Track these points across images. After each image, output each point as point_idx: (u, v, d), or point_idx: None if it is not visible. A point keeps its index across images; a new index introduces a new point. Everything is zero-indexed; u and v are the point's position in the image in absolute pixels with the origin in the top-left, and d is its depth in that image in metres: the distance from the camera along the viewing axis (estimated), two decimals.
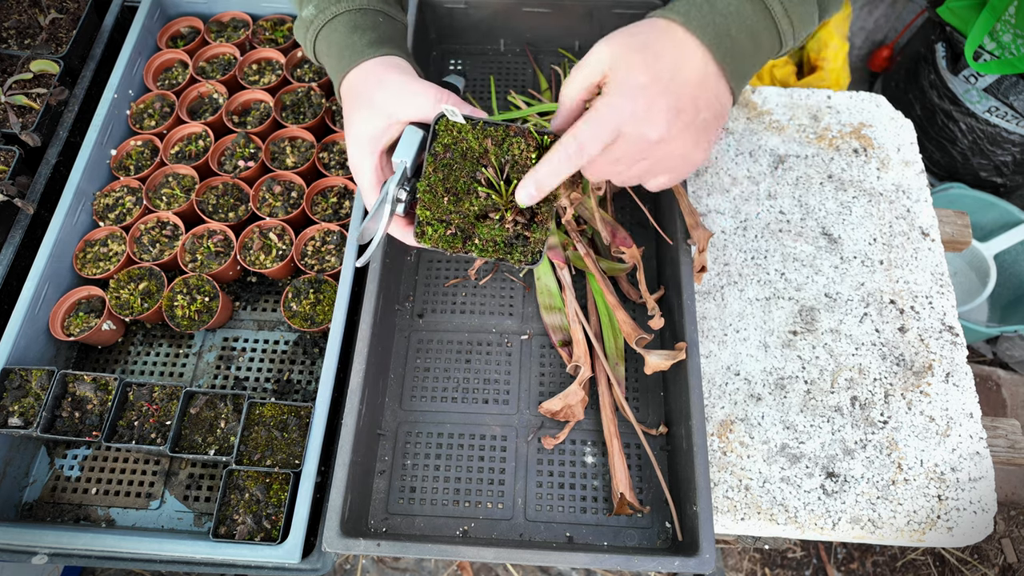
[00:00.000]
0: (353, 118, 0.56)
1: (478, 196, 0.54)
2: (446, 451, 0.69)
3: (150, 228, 0.78)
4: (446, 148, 0.54)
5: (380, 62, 0.56)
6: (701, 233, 0.70)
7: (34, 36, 0.89)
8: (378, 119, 0.54)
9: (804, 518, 0.68)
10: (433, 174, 0.54)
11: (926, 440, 0.71)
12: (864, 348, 0.76)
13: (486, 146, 0.54)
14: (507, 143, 0.53)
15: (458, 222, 0.54)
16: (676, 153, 0.50)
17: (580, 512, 0.66)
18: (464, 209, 0.54)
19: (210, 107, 0.87)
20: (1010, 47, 1.32)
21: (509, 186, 0.53)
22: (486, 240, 0.54)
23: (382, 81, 0.55)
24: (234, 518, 0.62)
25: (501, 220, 0.54)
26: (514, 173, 0.53)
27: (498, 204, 0.54)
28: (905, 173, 0.87)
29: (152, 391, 0.68)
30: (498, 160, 0.54)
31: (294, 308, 0.74)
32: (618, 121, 0.47)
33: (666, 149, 0.49)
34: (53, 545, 0.63)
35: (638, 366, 0.73)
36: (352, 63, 0.57)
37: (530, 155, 0.53)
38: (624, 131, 0.48)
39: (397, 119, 0.54)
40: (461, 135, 0.54)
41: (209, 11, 0.93)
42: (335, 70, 0.59)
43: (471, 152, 0.54)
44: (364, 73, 0.56)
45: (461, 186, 0.54)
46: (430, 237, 0.55)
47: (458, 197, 0.54)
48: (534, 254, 0.54)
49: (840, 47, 1.55)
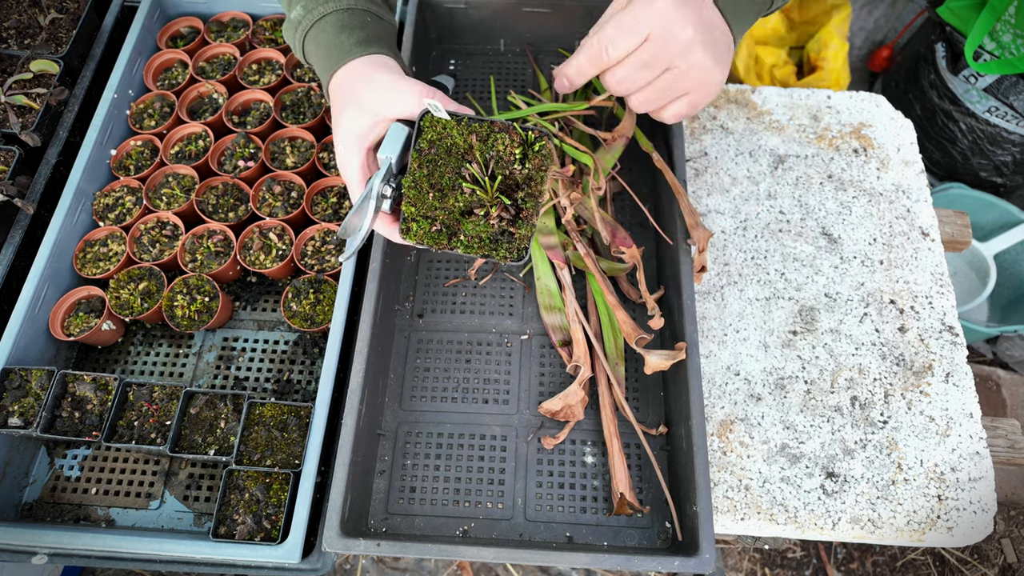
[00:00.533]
0: (341, 117, 0.56)
1: (463, 192, 0.54)
2: (446, 451, 0.69)
3: (150, 228, 0.78)
4: (431, 144, 0.54)
5: (367, 61, 0.57)
6: (701, 233, 0.70)
7: (34, 36, 0.89)
8: (365, 117, 0.55)
9: (804, 518, 0.68)
10: (418, 170, 0.54)
11: (926, 440, 0.71)
12: (864, 348, 0.76)
13: (471, 142, 0.54)
14: (491, 139, 0.53)
15: (443, 218, 0.54)
16: (702, 64, 0.51)
17: (580, 512, 0.66)
18: (449, 205, 0.54)
19: (210, 107, 0.87)
20: (1010, 47, 1.32)
21: (494, 182, 0.53)
22: (471, 236, 0.54)
23: (369, 80, 0.55)
24: (234, 518, 0.62)
25: (486, 216, 0.54)
26: (499, 169, 0.53)
27: (483, 200, 0.54)
28: (905, 173, 0.87)
29: (152, 391, 0.68)
30: (483, 156, 0.54)
31: (294, 308, 0.74)
32: (646, 22, 0.49)
33: (692, 58, 0.51)
34: (53, 545, 0.63)
35: (638, 366, 0.73)
36: (340, 62, 0.57)
37: (514, 151, 0.53)
38: (653, 32, 0.49)
39: (383, 116, 0.55)
40: (446, 131, 0.54)
41: (209, 11, 0.93)
42: (323, 70, 0.59)
43: (456, 148, 0.54)
44: (351, 72, 0.56)
45: (446, 182, 0.54)
46: (415, 233, 0.55)
47: (443, 193, 0.54)
48: (519, 251, 0.54)
49: (840, 47, 1.55)
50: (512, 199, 0.54)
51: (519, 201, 0.54)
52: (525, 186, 0.54)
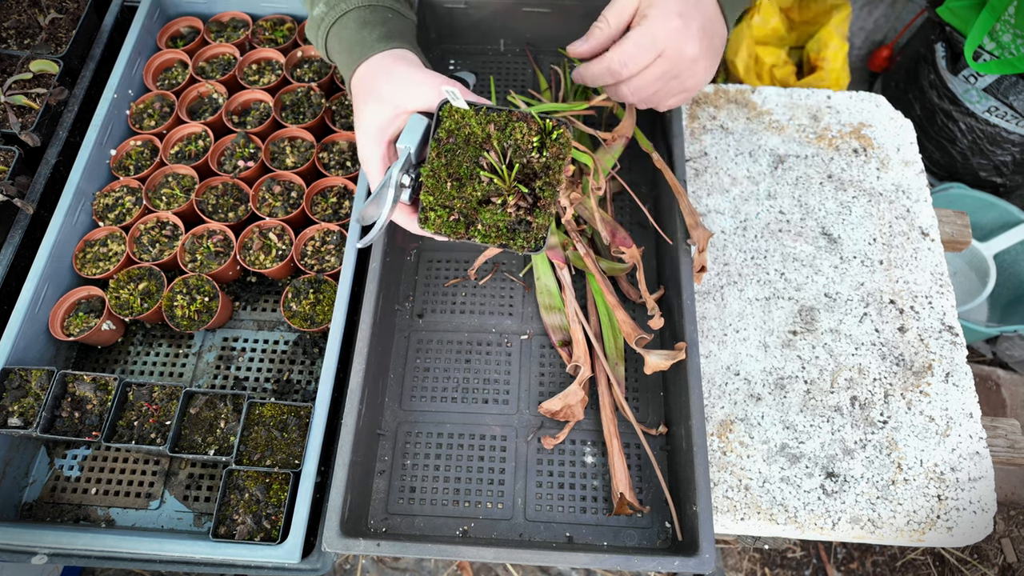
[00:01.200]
0: (362, 110, 0.57)
1: (481, 181, 0.54)
2: (446, 451, 0.69)
3: (150, 228, 0.78)
4: (449, 134, 0.54)
5: (388, 55, 0.58)
6: (701, 233, 0.70)
7: (34, 36, 0.89)
8: (385, 110, 0.56)
9: (804, 518, 0.68)
10: (436, 159, 0.54)
11: (926, 440, 0.71)
12: (864, 348, 0.76)
13: (488, 131, 0.54)
14: (510, 128, 0.53)
15: (460, 207, 0.54)
16: (703, 70, 0.59)
17: (580, 512, 0.66)
18: (467, 194, 0.54)
19: (210, 107, 0.87)
20: (1010, 47, 1.32)
21: (511, 171, 0.53)
22: (488, 225, 0.54)
23: (389, 73, 0.56)
24: (234, 518, 0.62)
25: (504, 205, 0.54)
26: (516, 158, 0.53)
27: (500, 189, 0.54)
28: (905, 173, 0.87)
29: (152, 391, 0.68)
30: (500, 145, 0.54)
31: (294, 308, 0.74)
32: (663, 41, 0.55)
33: (697, 68, 0.58)
34: (53, 545, 0.63)
35: (638, 366, 0.73)
36: (362, 57, 0.58)
37: (532, 139, 0.53)
38: (667, 50, 0.56)
39: (404, 109, 0.55)
40: (464, 121, 0.54)
41: (209, 11, 0.93)
42: (346, 66, 0.60)
43: (474, 137, 0.54)
44: (373, 66, 0.58)
45: (464, 171, 0.54)
46: (433, 223, 0.55)
47: (461, 182, 0.54)
48: (537, 240, 0.54)
49: (840, 47, 1.55)
50: (530, 188, 0.54)
51: (536, 190, 0.54)
52: (543, 175, 0.54)
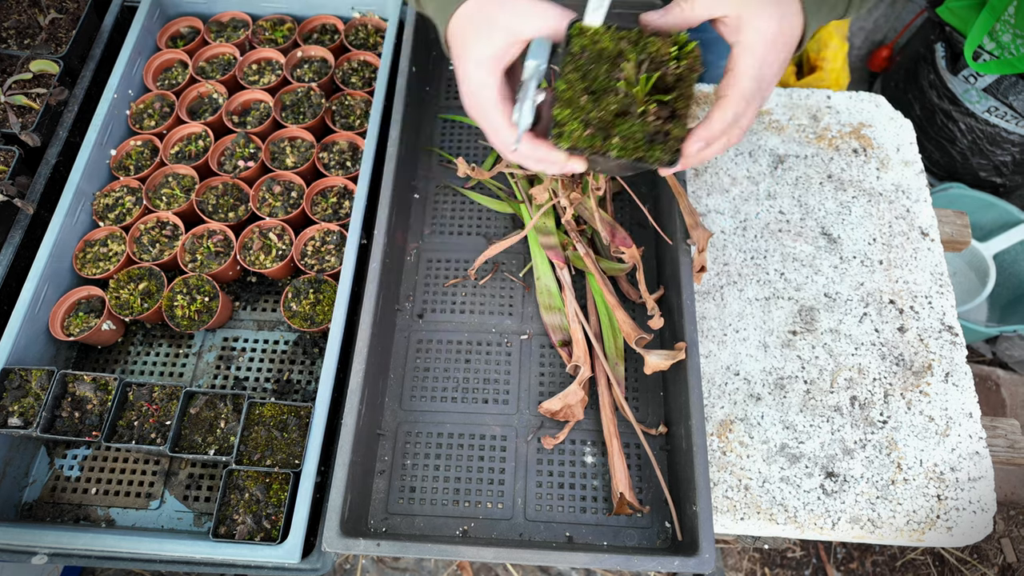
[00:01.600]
0: (471, 44, 0.55)
1: (617, 94, 0.53)
2: (446, 451, 0.69)
3: (150, 228, 0.78)
4: (583, 49, 0.53)
5: None
6: (701, 233, 0.70)
7: (34, 36, 0.89)
8: (499, 38, 0.53)
9: (804, 518, 0.68)
10: (572, 73, 0.53)
11: (925, 440, 0.71)
12: (863, 348, 0.76)
13: (621, 47, 0.53)
14: (643, 42, 0.53)
15: (597, 121, 0.53)
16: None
17: (580, 512, 0.66)
18: (603, 107, 0.53)
19: (210, 107, 0.87)
20: (1009, 47, 1.32)
21: (648, 82, 0.53)
22: (626, 137, 0.53)
23: (503, 2, 0.54)
24: (234, 518, 0.62)
25: (643, 115, 0.53)
26: (651, 68, 0.53)
27: (637, 100, 0.53)
28: (905, 173, 0.87)
29: (152, 391, 0.68)
30: (636, 57, 0.53)
31: (294, 308, 0.74)
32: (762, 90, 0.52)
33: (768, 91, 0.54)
34: (53, 545, 0.63)
35: (638, 366, 0.73)
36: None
37: (667, 50, 0.52)
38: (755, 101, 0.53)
39: (521, 36, 0.54)
40: (597, 36, 0.53)
41: (209, 11, 0.93)
42: (441, 9, 0.57)
43: (606, 52, 0.53)
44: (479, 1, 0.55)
45: (599, 84, 0.53)
46: (568, 137, 0.53)
47: (596, 96, 0.53)
48: (673, 153, 0.53)
49: (840, 47, 1.55)
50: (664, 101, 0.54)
51: (671, 102, 0.53)
52: (677, 87, 0.53)
